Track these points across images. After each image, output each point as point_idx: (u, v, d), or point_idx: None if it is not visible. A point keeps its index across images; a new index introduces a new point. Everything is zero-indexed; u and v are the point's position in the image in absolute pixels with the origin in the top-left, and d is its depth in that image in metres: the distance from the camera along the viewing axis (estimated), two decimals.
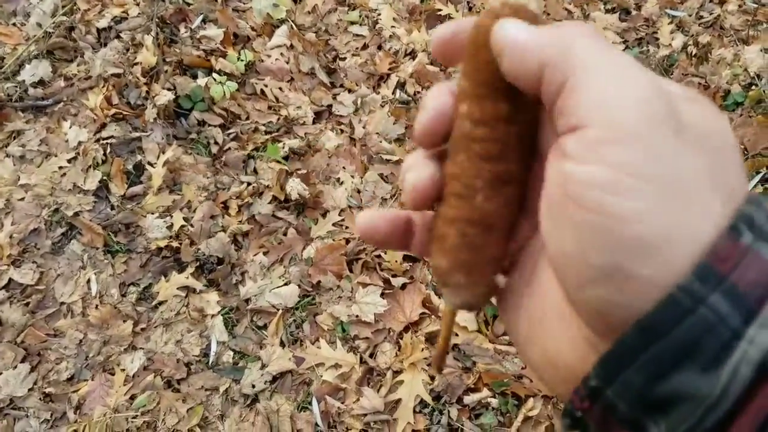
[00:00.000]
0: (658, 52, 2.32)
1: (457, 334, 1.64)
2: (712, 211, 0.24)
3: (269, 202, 1.86)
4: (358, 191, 1.90)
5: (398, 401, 1.56)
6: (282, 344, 1.65)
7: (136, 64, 2.05)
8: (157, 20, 2.13)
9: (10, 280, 1.73)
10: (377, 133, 2.02)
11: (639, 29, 2.42)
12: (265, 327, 1.68)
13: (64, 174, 1.89)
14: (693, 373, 0.22)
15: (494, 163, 0.30)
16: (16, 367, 1.62)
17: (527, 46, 0.27)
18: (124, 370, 1.62)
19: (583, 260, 0.25)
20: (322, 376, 1.60)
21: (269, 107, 2.07)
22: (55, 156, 1.92)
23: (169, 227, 1.81)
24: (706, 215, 0.23)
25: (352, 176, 1.93)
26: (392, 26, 2.31)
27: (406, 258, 1.76)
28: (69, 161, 1.90)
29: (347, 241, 1.80)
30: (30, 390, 1.60)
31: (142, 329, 1.68)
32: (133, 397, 1.59)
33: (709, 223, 0.23)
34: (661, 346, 0.23)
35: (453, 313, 0.35)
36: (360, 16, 2.35)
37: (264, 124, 2.02)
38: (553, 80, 0.26)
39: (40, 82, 2.05)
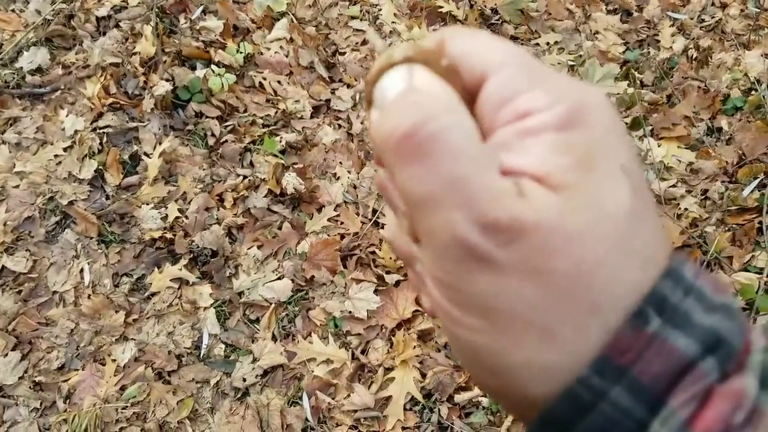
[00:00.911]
0: (658, 55, 2.31)
1: None
2: (553, 336, 0.22)
3: (265, 196, 1.86)
4: (354, 187, 1.90)
5: (389, 398, 1.56)
6: (274, 338, 1.65)
7: (134, 53, 2.04)
8: (156, 10, 2.12)
9: (3, 267, 1.72)
10: None
11: (640, 31, 2.41)
12: (257, 321, 1.68)
13: (60, 162, 1.88)
14: None
15: None
16: (6, 355, 1.61)
17: (375, 147, 0.25)
18: (115, 360, 1.62)
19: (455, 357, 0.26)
20: (313, 372, 1.59)
21: (267, 100, 2.06)
22: (51, 144, 1.91)
23: (164, 218, 1.80)
24: (543, 343, 0.22)
25: (349, 172, 1.92)
26: (393, 22, 2.30)
27: None
28: (65, 150, 1.89)
29: (342, 236, 1.79)
30: (20, 378, 1.59)
31: (134, 320, 1.67)
32: (123, 388, 1.59)
33: (552, 349, 0.22)
34: None
35: None
36: (361, 11, 2.34)
37: (262, 117, 2.01)
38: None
39: (38, 70, 2.04)
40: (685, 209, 1.87)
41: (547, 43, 2.34)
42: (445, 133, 0.22)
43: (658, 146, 2.02)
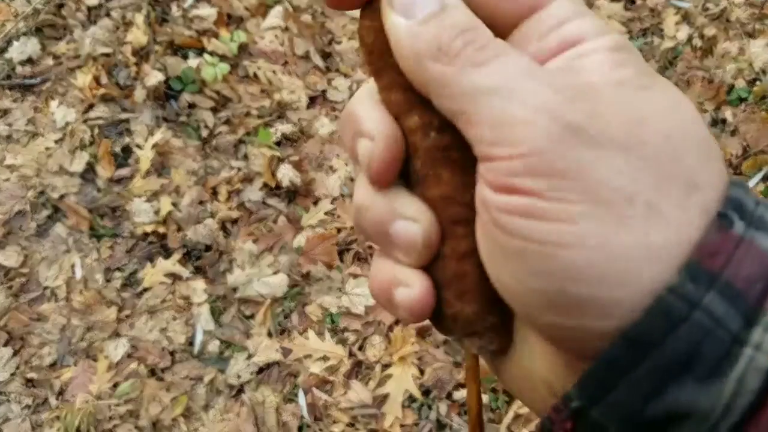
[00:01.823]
0: (662, 44, 2.27)
1: None
2: (658, 212, 0.21)
3: (260, 189, 1.83)
4: (352, 179, 1.87)
5: (387, 395, 1.54)
6: (269, 335, 1.63)
7: (126, 43, 2.00)
8: None
9: None
10: None
11: (644, 19, 2.37)
12: (252, 317, 1.66)
13: (51, 155, 1.85)
14: (691, 386, 0.20)
15: None
16: None
17: (407, 52, 0.23)
18: (107, 357, 1.60)
19: (525, 289, 0.22)
20: (309, 368, 1.57)
21: (262, 91, 2.03)
22: (42, 136, 1.88)
23: (157, 212, 1.77)
24: (650, 220, 0.21)
25: (346, 164, 1.89)
26: None
27: None
28: (56, 142, 1.86)
29: (339, 230, 1.77)
30: (12, 374, 1.57)
31: (127, 316, 1.65)
32: (116, 385, 1.57)
33: (660, 227, 0.21)
34: (653, 359, 0.20)
35: (477, 364, 0.28)
36: None
37: (256, 109, 1.98)
38: (443, 105, 0.23)
39: (29, 60, 2.00)
40: None
41: None
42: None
43: None
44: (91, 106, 1.91)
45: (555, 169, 0.21)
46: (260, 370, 1.58)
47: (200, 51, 2.03)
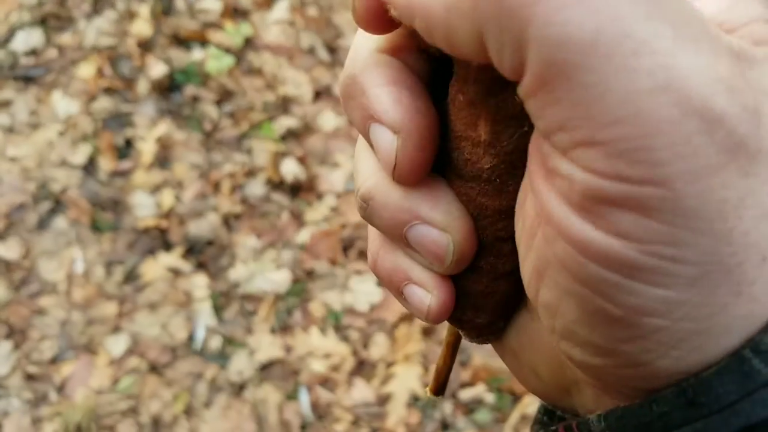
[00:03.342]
0: None
1: None
2: None
3: (263, 184, 1.82)
4: None
5: (390, 394, 1.52)
6: (272, 331, 1.61)
7: (130, 35, 1.99)
8: None
9: None
10: None
11: None
12: (254, 313, 1.64)
13: (53, 147, 1.84)
14: None
15: None
16: None
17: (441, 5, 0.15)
18: (108, 352, 1.58)
19: (578, 334, 0.18)
20: (312, 366, 1.56)
21: (267, 85, 2.01)
22: (45, 128, 1.86)
23: (159, 206, 1.76)
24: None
25: (351, 158, 1.88)
26: None
27: None
28: (58, 134, 1.85)
29: (343, 226, 1.75)
30: (13, 369, 1.56)
31: (128, 311, 1.64)
32: (116, 380, 1.56)
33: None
34: (713, 422, 0.16)
35: (459, 341, 0.27)
36: None
37: (261, 102, 1.96)
38: (506, 62, 0.15)
39: (32, 51, 1.99)
40: None
41: None
42: None
43: None
44: (93, 98, 1.90)
45: (680, 208, 0.14)
46: (262, 367, 1.56)
47: (205, 44, 2.01)
